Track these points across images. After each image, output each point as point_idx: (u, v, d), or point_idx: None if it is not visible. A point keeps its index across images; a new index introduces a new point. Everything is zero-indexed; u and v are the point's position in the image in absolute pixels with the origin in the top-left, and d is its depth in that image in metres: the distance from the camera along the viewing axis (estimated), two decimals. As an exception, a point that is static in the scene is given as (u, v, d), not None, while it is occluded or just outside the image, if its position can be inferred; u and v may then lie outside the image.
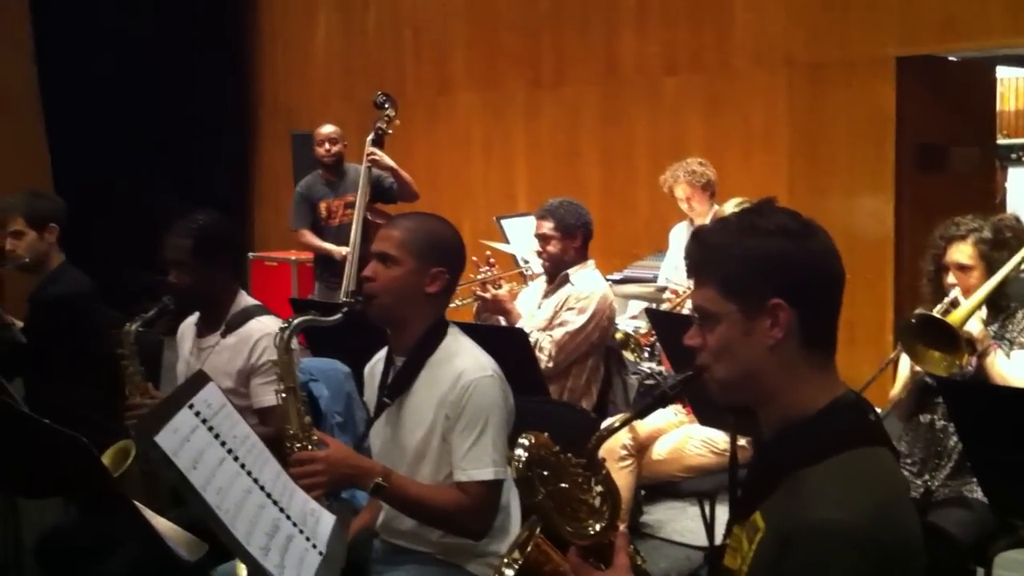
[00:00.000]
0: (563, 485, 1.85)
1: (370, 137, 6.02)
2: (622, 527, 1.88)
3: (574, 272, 4.37)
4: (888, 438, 1.74)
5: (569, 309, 4.29)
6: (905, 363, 3.37)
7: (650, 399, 1.93)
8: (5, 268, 4.25)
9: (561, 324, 4.27)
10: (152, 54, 9.94)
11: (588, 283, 4.34)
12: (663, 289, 5.45)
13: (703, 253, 1.78)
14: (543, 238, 4.38)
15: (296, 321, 2.61)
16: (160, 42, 9.91)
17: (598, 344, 4.34)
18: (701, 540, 4.44)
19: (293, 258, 8.42)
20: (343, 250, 6.06)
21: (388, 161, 6.00)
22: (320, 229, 6.35)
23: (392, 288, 2.64)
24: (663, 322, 3.96)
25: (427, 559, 2.66)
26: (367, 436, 2.81)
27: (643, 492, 4.41)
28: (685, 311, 4.42)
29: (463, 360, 2.63)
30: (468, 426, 2.55)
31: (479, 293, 4.42)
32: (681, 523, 4.77)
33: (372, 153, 5.96)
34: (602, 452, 1.86)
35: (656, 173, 5.81)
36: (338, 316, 2.65)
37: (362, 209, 5.97)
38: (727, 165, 6.53)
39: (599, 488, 1.87)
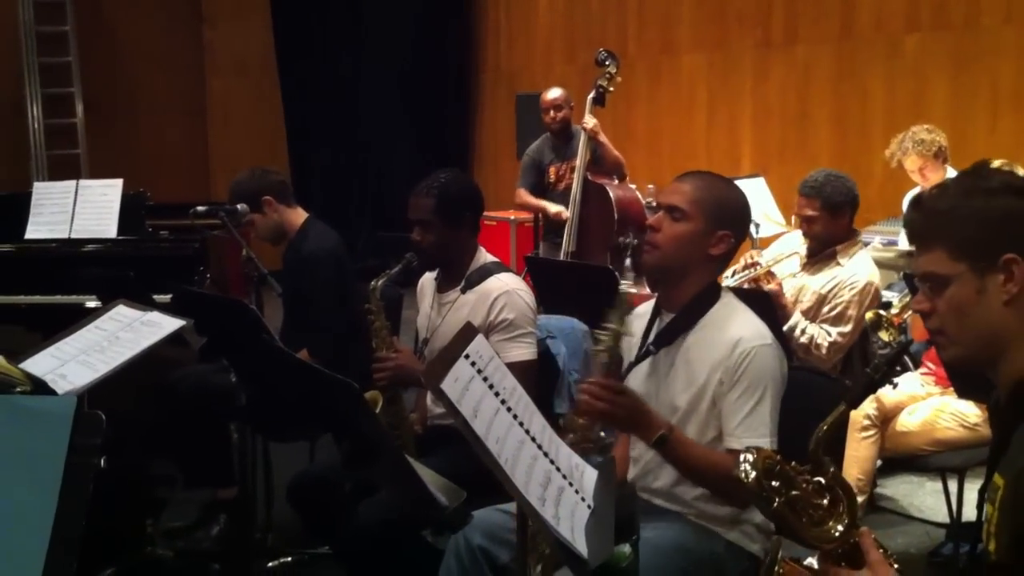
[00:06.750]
0: (795, 493, 1.81)
1: (591, 95, 5.99)
2: (863, 528, 1.83)
3: (843, 251, 4.15)
4: None
5: (841, 300, 4.07)
6: None
7: (859, 388, 1.88)
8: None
9: (837, 318, 4.07)
10: (379, 20, 10.23)
11: (860, 269, 4.10)
12: (910, 254, 5.21)
13: (928, 218, 1.82)
14: (808, 220, 4.13)
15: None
16: (387, 8, 10.19)
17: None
18: (941, 516, 4.30)
19: (512, 218, 8.47)
20: (555, 208, 6.10)
21: (600, 133, 5.96)
22: (546, 192, 6.36)
23: (676, 242, 2.62)
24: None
25: (680, 519, 2.64)
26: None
27: (879, 463, 4.26)
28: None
29: (741, 326, 2.59)
30: (745, 393, 2.51)
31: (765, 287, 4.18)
32: (919, 498, 4.59)
33: (586, 118, 5.95)
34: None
35: (893, 137, 5.56)
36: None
37: (582, 170, 5.97)
38: (972, 129, 6.19)
39: (829, 490, 1.83)
